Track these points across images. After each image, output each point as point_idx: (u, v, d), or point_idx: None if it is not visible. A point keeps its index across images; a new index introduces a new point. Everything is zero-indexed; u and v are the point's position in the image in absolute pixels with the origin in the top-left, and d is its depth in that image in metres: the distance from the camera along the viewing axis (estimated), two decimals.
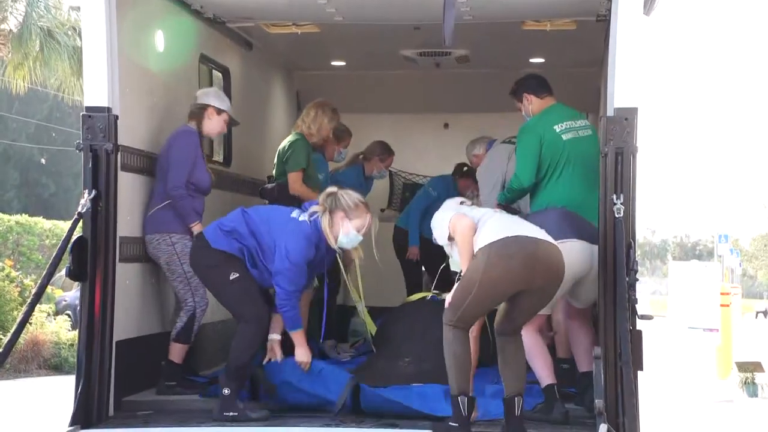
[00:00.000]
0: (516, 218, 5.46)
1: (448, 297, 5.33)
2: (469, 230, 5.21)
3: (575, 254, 5.59)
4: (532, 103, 6.34)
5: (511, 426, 5.25)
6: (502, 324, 5.35)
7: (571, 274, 5.55)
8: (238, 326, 5.68)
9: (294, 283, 5.60)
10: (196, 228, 6.08)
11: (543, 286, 5.20)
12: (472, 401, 5.27)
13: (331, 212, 5.65)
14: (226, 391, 5.51)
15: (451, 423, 5.21)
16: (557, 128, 6.18)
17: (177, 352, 6.14)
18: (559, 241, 5.54)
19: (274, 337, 5.85)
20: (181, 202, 6.09)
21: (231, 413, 5.47)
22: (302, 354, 5.72)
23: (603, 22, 6.45)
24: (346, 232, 5.66)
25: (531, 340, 5.64)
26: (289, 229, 5.64)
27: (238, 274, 5.64)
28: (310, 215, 5.68)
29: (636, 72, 5.36)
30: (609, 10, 5.76)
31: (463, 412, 5.19)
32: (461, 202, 5.58)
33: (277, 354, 5.85)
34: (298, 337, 5.72)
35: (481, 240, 5.18)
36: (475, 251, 5.17)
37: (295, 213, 5.76)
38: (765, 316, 39.78)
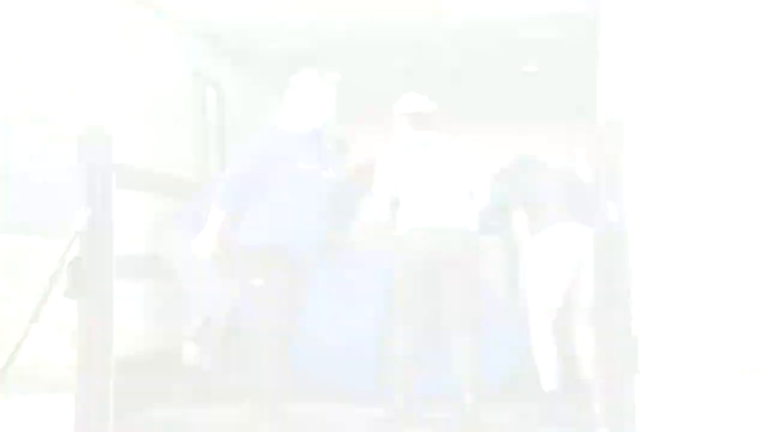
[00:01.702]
0: (434, 194, 5.59)
1: None
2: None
3: (572, 240, 5.75)
4: None
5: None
6: (448, 313, 5.51)
7: (571, 260, 5.72)
8: (259, 344, 5.46)
9: (224, 198, 5.46)
10: None
11: (455, 260, 5.52)
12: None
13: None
14: None
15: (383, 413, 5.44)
16: None
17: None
18: (556, 225, 5.74)
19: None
20: None
21: None
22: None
23: (594, 29, 6.47)
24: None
25: (541, 340, 5.71)
26: None
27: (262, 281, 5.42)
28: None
29: (628, 78, 5.38)
30: (599, 17, 5.79)
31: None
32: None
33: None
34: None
35: (399, 222, 5.62)
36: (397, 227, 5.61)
37: None
38: None
